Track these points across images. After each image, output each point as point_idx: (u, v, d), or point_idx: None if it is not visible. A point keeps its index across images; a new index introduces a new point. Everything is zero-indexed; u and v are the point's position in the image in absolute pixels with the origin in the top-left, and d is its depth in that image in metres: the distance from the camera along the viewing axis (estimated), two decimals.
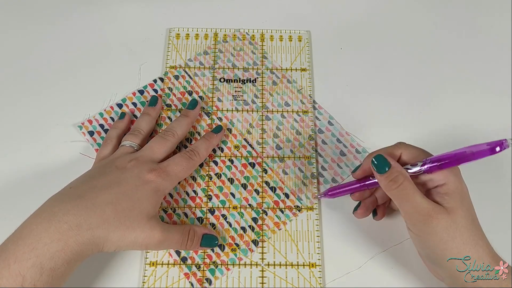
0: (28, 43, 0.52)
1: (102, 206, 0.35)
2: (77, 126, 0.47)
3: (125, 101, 0.48)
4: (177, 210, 0.43)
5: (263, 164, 0.45)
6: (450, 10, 0.56)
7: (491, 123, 0.48)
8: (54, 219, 0.33)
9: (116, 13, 0.55)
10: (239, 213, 0.43)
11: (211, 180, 0.45)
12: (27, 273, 0.31)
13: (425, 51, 0.53)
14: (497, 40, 0.54)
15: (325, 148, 0.47)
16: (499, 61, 0.53)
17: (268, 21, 0.55)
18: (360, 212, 0.40)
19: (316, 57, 0.52)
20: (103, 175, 0.38)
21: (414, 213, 0.35)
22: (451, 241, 0.34)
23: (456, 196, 0.34)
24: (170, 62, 0.51)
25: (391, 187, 0.35)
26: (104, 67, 0.51)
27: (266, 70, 0.51)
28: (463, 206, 0.34)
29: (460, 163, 0.34)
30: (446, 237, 0.34)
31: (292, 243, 0.42)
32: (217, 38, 0.53)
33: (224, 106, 0.49)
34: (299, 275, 0.41)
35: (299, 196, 0.44)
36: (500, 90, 0.51)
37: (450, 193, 0.35)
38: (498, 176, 0.46)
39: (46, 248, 0.32)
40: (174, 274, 0.40)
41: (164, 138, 0.42)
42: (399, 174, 0.35)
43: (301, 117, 0.48)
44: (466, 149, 0.33)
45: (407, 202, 0.35)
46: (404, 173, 0.35)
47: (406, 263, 0.41)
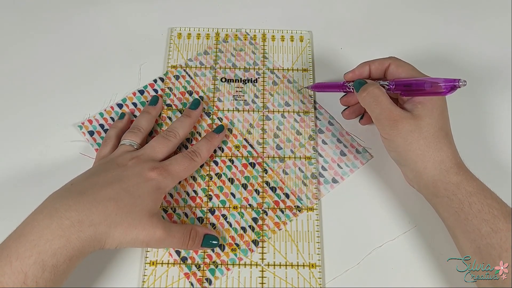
0: (28, 43, 0.52)
1: (104, 202, 0.35)
2: (77, 126, 0.47)
3: (125, 101, 0.48)
4: (177, 210, 0.43)
5: (264, 164, 0.45)
6: (450, 10, 0.56)
7: (492, 123, 0.48)
8: (55, 215, 0.33)
9: (117, 12, 0.55)
10: (239, 213, 0.43)
11: (211, 180, 0.45)
12: (29, 270, 0.31)
13: (425, 51, 0.53)
14: (497, 40, 0.54)
15: (325, 148, 0.47)
16: (499, 61, 0.52)
17: (270, 21, 0.55)
18: (347, 113, 0.46)
19: (317, 57, 0.52)
20: (104, 172, 0.38)
21: (383, 118, 0.38)
22: (415, 142, 0.37)
23: (428, 106, 0.38)
24: (172, 62, 0.51)
25: (361, 94, 0.40)
26: (105, 67, 0.51)
27: (266, 70, 0.51)
28: (432, 115, 0.38)
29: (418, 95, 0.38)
30: (410, 139, 0.37)
31: (292, 244, 0.42)
32: (218, 38, 0.53)
33: (224, 106, 0.49)
34: (299, 276, 0.41)
35: (299, 196, 0.44)
36: (500, 90, 0.51)
37: (423, 102, 0.38)
38: (498, 176, 0.46)
39: (48, 244, 0.32)
40: (174, 274, 0.40)
41: (166, 138, 0.42)
42: (370, 84, 0.40)
43: (302, 117, 0.48)
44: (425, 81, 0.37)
45: (375, 108, 0.39)
46: (376, 84, 0.39)
47: (406, 261, 0.41)
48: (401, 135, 0.38)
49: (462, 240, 0.36)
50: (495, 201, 0.35)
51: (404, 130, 0.37)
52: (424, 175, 0.38)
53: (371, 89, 0.39)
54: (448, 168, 0.37)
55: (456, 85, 0.33)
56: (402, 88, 0.38)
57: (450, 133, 0.39)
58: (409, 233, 0.42)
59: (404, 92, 0.38)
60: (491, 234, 0.33)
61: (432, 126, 0.37)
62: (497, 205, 0.35)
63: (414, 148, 0.37)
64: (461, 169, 0.37)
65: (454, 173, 0.37)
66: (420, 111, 0.38)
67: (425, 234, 0.42)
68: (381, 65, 0.41)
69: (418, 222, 0.43)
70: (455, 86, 0.33)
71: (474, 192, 0.35)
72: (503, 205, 0.35)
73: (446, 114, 0.39)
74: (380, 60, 0.41)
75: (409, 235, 0.42)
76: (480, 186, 0.36)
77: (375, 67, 0.41)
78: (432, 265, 0.41)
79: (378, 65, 0.41)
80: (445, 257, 0.40)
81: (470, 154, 0.40)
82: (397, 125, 0.38)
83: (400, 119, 0.38)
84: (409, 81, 0.37)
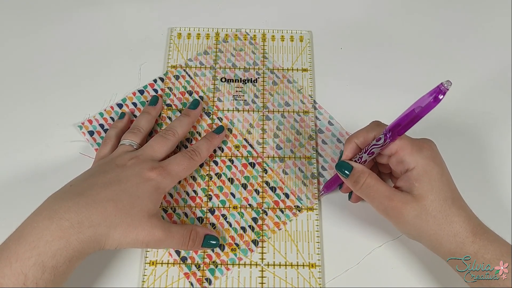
0: (28, 43, 0.52)
1: (103, 203, 0.35)
2: (77, 126, 0.47)
3: (125, 101, 0.48)
4: (177, 209, 0.43)
5: (263, 164, 0.45)
6: (450, 10, 0.56)
7: (492, 123, 0.48)
8: (55, 216, 0.33)
9: (117, 12, 0.55)
10: (239, 213, 0.43)
11: (211, 180, 0.44)
12: (29, 271, 0.31)
13: (425, 51, 0.53)
14: (497, 40, 0.54)
15: (325, 148, 0.47)
16: (499, 61, 0.52)
17: (270, 21, 0.55)
18: (353, 199, 0.42)
19: (317, 57, 0.52)
20: (103, 173, 0.38)
21: (384, 208, 0.36)
22: (425, 225, 0.35)
23: (425, 181, 0.35)
24: (172, 62, 0.51)
25: (355, 188, 0.37)
26: (105, 67, 0.51)
27: (266, 70, 0.51)
28: (432, 189, 0.35)
29: (415, 123, 0.34)
30: (420, 223, 0.35)
31: (292, 243, 0.42)
32: (218, 38, 0.53)
33: (224, 106, 0.49)
34: (299, 275, 0.41)
35: (299, 196, 0.44)
36: (500, 90, 0.51)
37: (418, 178, 0.35)
38: (497, 177, 0.46)
39: (47, 246, 0.32)
40: (174, 274, 0.40)
41: (164, 137, 0.42)
42: (360, 173, 0.37)
43: (302, 117, 0.48)
44: (414, 107, 0.33)
45: (373, 199, 0.36)
46: (366, 171, 0.37)
47: (406, 261, 0.41)
48: (408, 222, 0.35)
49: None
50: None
51: (410, 216, 0.35)
52: (440, 251, 0.36)
53: (363, 181, 0.37)
54: (463, 239, 0.35)
55: (442, 90, 0.31)
56: (397, 130, 0.35)
57: (457, 196, 0.36)
58: None
59: (400, 130, 0.34)
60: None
61: (437, 202, 0.35)
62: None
63: (425, 230, 0.35)
64: (477, 235, 0.34)
65: (470, 243, 0.34)
66: (420, 190, 0.35)
67: None
68: (366, 137, 0.38)
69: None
70: (441, 92, 0.31)
71: (493, 259, 0.34)
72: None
73: (446, 178, 0.36)
74: (363, 133, 0.38)
75: None
76: (499, 249, 0.34)
77: (361, 141, 0.38)
78: (432, 265, 0.41)
79: (363, 138, 0.38)
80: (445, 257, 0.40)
81: None
82: (401, 213, 0.35)
83: (403, 205, 0.35)
84: (398, 121, 0.34)
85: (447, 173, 0.36)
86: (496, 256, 0.33)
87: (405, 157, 0.36)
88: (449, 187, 0.36)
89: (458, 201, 0.36)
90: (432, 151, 0.36)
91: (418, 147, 0.36)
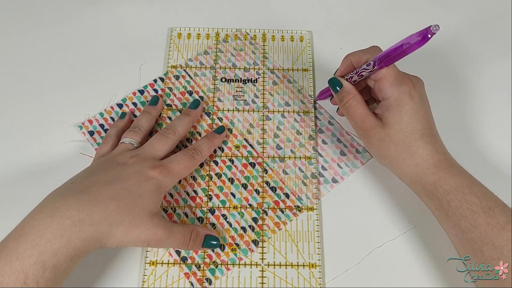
0: (28, 43, 0.52)
1: (105, 201, 0.35)
2: (77, 126, 0.47)
3: (125, 101, 0.48)
4: (177, 209, 0.43)
5: (264, 164, 0.45)
6: (451, 9, 0.56)
7: (493, 122, 0.48)
8: (56, 214, 0.33)
9: (117, 13, 0.55)
10: (239, 213, 0.43)
11: (211, 180, 0.45)
12: (30, 270, 0.31)
13: (425, 51, 0.53)
14: (497, 39, 0.54)
15: (325, 148, 0.47)
16: (499, 60, 0.52)
17: (270, 21, 0.55)
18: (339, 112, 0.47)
19: (317, 57, 0.52)
20: (104, 171, 0.38)
21: (357, 128, 0.41)
22: (386, 150, 0.39)
23: (394, 112, 0.38)
24: (172, 62, 0.51)
25: (339, 104, 0.42)
26: (105, 67, 0.51)
27: (266, 70, 0.51)
28: (400, 121, 0.38)
29: (401, 57, 0.37)
30: (382, 147, 0.39)
31: (292, 243, 0.42)
32: (218, 38, 0.53)
33: (224, 106, 0.49)
34: (299, 275, 0.41)
35: (299, 196, 0.44)
36: (500, 89, 0.51)
37: (389, 108, 0.39)
38: (498, 177, 0.46)
39: (48, 244, 0.32)
40: (174, 274, 0.40)
41: (165, 135, 0.42)
42: (346, 93, 0.41)
43: (302, 117, 0.48)
44: (403, 42, 0.36)
45: (351, 118, 0.41)
46: (352, 92, 0.41)
47: (406, 261, 0.41)
48: (373, 144, 0.40)
49: (448, 235, 0.37)
50: (475, 196, 0.35)
51: (375, 139, 0.39)
52: (402, 178, 0.40)
53: (347, 100, 0.41)
54: (424, 169, 0.38)
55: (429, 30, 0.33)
56: (385, 60, 0.37)
57: (427, 132, 0.38)
58: (409, 233, 0.42)
59: (388, 61, 0.37)
60: (470, 229, 0.35)
61: (402, 132, 0.38)
62: (477, 200, 0.35)
63: (387, 155, 0.39)
64: (439, 168, 0.37)
65: (431, 174, 0.37)
66: (387, 119, 0.39)
67: (425, 234, 0.42)
68: (360, 58, 0.41)
69: (418, 222, 0.43)
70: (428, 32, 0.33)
71: (451, 190, 0.36)
72: (484, 198, 0.35)
73: (421, 115, 0.38)
74: (359, 54, 0.41)
75: (409, 235, 0.42)
76: (459, 182, 0.36)
77: (355, 60, 0.41)
78: (432, 265, 0.41)
79: (357, 58, 0.41)
80: (445, 257, 0.40)
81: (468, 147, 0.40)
82: (369, 135, 0.39)
83: (371, 128, 0.39)
84: (388, 51, 0.37)
85: (424, 111, 0.39)
86: (455, 188, 0.36)
87: (385, 86, 0.39)
88: (420, 123, 0.38)
89: (428, 137, 0.38)
90: (412, 88, 0.38)
91: (399, 80, 0.39)
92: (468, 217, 0.35)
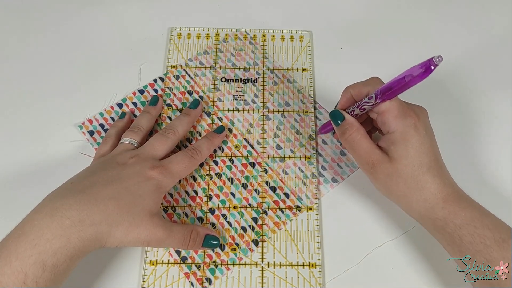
0: (28, 43, 0.52)
1: (105, 201, 0.35)
2: (77, 126, 0.47)
3: (125, 101, 0.48)
4: (177, 209, 0.43)
5: (264, 164, 0.45)
6: (450, 9, 0.56)
7: (492, 123, 0.48)
8: (56, 214, 0.33)
9: (117, 12, 0.55)
10: (239, 213, 0.43)
11: (211, 180, 0.45)
12: (29, 270, 0.31)
13: (425, 51, 0.53)
14: (497, 39, 0.54)
15: (325, 148, 0.47)
16: (499, 60, 0.52)
17: (270, 21, 0.55)
18: (336, 136, 0.46)
19: (317, 57, 0.52)
20: (104, 170, 0.38)
21: (361, 162, 0.39)
22: (395, 186, 0.37)
23: (401, 146, 0.37)
24: (172, 62, 0.51)
25: (341, 138, 0.40)
26: (105, 67, 0.51)
27: (266, 70, 0.51)
28: (407, 155, 0.36)
29: (403, 90, 0.35)
30: (390, 182, 0.37)
31: (292, 243, 0.42)
32: (218, 38, 0.53)
33: (224, 106, 0.49)
34: (299, 275, 0.41)
35: (299, 196, 0.44)
36: (500, 89, 0.51)
37: (396, 142, 0.37)
38: (497, 177, 0.46)
39: (48, 244, 0.32)
40: (174, 273, 0.40)
41: (164, 135, 0.42)
42: (349, 126, 0.39)
43: (302, 117, 0.48)
44: (405, 75, 0.35)
45: (354, 151, 0.39)
46: (355, 125, 0.39)
47: (406, 261, 0.41)
48: (380, 179, 0.38)
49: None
50: (487, 228, 0.34)
51: (382, 174, 0.37)
52: (411, 213, 0.39)
53: (349, 133, 0.39)
54: (433, 204, 0.36)
55: (432, 62, 0.32)
56: (387, 93, 0.36)
57: (434, 164, 0.37)
58: (409, 233, 0.42)
59: (390, 94, 0.36)
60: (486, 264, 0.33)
61: (410, 167, 0.36)
62: (489, 233, 0.34)
63: (395, 190, 0.38)
64: (447, 202, 0.36)
65: (440, 208, 0.36)
66: (394, 153, 0.37)
67: (425, 234, 0.42)
68: (360, 91, 0.39)
69: (418, 222, 0.43)
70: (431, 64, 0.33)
71: (463, 225, 0.35)
72: (496, 231, 0.34)
73: (427, 147, 0.37)
74: (359, 86, 0.40)
75: (409, 235, 0.42)
76: (470, 215, 0.35)
77: (355, 93, 0.40)
78: (432, 265, 0.41)
79: (358, 91, 0.40)
80: (445, 257, 0.40)
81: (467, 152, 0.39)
82: (376, 170, 0.38)
83: (378, 163, 0.37)
84: (390, 84, 0.36)
85: (429, 143, 0.37)
86: (466, 221, 0.35)
87: (389, 120, 0.37)
88: (426, 155, 0.37)
89: (436, 170, 0.37)
90: (417, 120, 0.37)
91: (403, 113, 0.37)
92: (482, 252, 0.34)
